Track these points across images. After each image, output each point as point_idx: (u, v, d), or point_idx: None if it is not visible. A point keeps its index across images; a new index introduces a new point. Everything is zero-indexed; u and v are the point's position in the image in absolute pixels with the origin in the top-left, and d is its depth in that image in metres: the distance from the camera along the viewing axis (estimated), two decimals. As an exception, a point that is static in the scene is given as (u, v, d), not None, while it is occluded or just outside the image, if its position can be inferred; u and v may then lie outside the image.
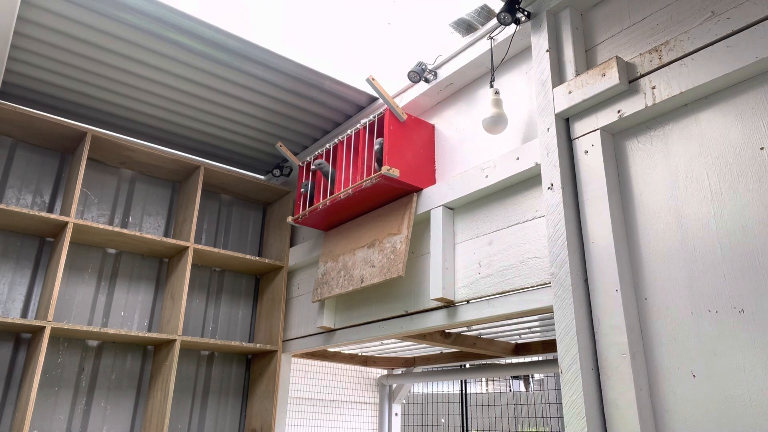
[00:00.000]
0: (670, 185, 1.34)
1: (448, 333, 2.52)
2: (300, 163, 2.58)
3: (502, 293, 1.70)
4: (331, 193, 2.30)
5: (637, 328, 1.31)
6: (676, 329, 1.25)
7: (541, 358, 3.37)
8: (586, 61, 1.63)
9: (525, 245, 1.69)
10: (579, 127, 1.54)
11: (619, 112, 1.44)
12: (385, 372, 3.87)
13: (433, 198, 1.99)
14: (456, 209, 1.97)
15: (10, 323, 2.09)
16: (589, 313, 1.38)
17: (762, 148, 1.20)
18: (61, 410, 2.36)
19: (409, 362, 3.71)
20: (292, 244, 2.90)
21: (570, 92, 1.54)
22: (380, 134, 2.11)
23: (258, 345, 2.67)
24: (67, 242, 2.22)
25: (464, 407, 5.21)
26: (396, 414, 3.85)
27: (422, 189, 2.06)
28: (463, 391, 5.28)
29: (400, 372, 3.82)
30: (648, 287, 1.33)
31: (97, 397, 2.45)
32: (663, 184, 1.36)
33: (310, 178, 2.48)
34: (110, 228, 2.35)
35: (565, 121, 1.58)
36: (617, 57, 1.45)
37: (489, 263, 1.76)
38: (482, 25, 2.00)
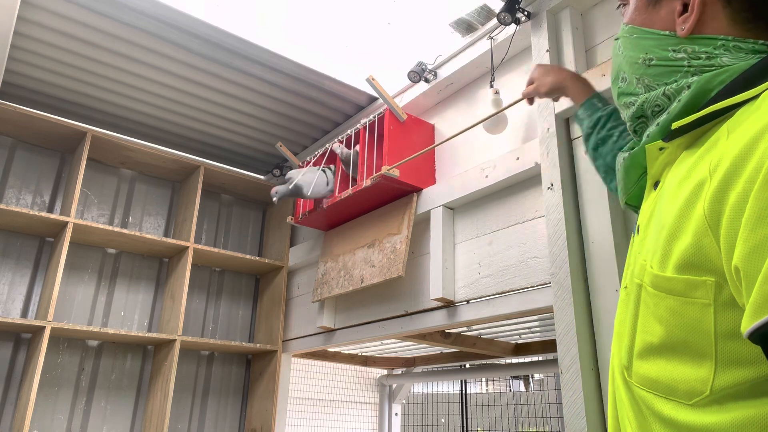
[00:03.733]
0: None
1: (448, 333, 2.52)
2: (300, 163, 2.58)
3: (502, 293, 1.70)
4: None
5: (637, 328, 1.31)
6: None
7: (541, 358, 3.37)
8: (586, 61, 1.63)
9: (525, 245, 1.68)
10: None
11: (619, 112, 1.44)
12: (385, 372, 3.86)
13: (433, 198, 1.99)
14: (456, 209, 1.97)
15: (10, 323, 2.10)
16: (589, 313, 1.38)
17: (762, 148, 1.20)
18: (61, 410, 2.36)
19: (409, 362, 3.70)
20: (292, 244, 2.89)
21: (570, 92, 1.54)
22: (380, 134, 2.11)
23: (258, 345, 2.67)
24: (67, 242, 2.22)
25: (464, 407, 5.21)
26: (396, 414, 3.84)
27: (422, 189, 2.06)
28: (463, 391, 5.27)
29: (400, 372, 3.82)
30: (648, 287, 1.32)
31: (97, 397, 2.45)
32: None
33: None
34: (110, 228, 2.35)
35: (565, 121, 1.58)
36: (617, 57, 1.45)
37: (489, 263, 1.76)
38: (482, 25, 2.00)
